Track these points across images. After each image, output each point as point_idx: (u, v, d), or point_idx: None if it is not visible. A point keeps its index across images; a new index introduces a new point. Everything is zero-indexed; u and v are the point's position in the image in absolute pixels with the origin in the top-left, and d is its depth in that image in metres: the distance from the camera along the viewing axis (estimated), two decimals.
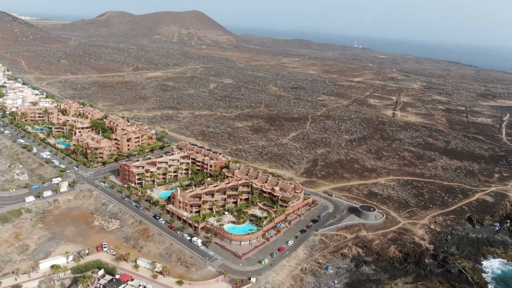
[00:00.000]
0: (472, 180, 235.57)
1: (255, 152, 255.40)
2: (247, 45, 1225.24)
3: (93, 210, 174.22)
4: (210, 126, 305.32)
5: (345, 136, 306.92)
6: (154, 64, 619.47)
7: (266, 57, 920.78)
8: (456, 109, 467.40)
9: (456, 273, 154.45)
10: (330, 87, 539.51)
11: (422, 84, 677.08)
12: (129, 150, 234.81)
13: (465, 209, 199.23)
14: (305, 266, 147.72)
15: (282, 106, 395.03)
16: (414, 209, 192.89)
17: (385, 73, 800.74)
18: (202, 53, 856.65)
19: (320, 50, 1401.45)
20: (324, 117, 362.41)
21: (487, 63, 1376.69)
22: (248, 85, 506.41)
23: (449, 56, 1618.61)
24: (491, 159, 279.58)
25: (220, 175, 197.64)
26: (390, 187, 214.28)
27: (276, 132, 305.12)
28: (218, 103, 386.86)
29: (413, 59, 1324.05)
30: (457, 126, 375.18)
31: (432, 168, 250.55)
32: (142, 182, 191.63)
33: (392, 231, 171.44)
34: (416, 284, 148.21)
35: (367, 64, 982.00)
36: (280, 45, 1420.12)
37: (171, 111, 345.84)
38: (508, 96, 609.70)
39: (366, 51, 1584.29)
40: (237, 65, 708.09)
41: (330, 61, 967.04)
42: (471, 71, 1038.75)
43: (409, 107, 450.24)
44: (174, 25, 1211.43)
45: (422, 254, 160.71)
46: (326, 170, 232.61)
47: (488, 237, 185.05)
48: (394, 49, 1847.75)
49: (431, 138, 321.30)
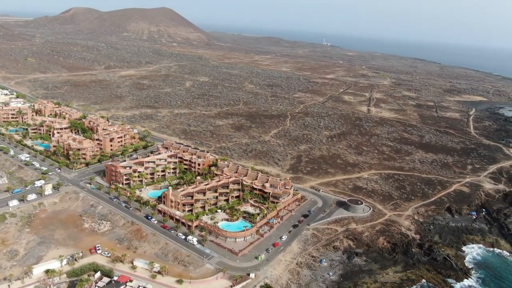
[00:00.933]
0: (448, 172, 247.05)
1: (239, 149, 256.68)
2: (219, 43, 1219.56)
3: (82, 212, 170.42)
4: (191, 125, 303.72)
5: (325, 132, 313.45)
6: (126, 62, 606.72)
7: (238, 54, 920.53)
8: (425, 104, 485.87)
9: (441, 261, 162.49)
10: (305, 84, 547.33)
11: (392, 80, 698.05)
12: (112, 150, 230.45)
13: (444, 199, 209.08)
14: (300, 260, 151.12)
15: (261, 104, 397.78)
16: (397, 201, 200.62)
17: (356, 70, 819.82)
18: (174, 50, 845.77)
19: (291, 47, 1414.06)
20: (303, 114, 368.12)
21: (450, 60, 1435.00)
22: (224, 83, 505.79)
23: (414, 53, 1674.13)
24: (463, 152, 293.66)
25: (209, 174, 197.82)
26: (373, 181, 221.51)
27: (257, 129, 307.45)
28: (197, 101, 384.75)
29: (381, 56, 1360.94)
30: (429, 121, 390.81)
31: (410, 162, 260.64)
32: (130, 183, 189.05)
33: (380, 223, 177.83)
34: (406, 272, 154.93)
35: (338, 61, 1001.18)
36: (251, 42, 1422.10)
37: (150, 110, 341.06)
38: (472, 92, 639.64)
39: (335, 48, 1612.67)
40: (210, 63, 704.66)
41: (302, 59, 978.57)
42: (436, 67, 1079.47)
43: (382, 103, 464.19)
44: (143, 22, 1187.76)
45: (409, 244, 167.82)
46: (311, 166, 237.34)
47: (467, 225, 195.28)
48: (361, 47, 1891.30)
49: (406, 133, 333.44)
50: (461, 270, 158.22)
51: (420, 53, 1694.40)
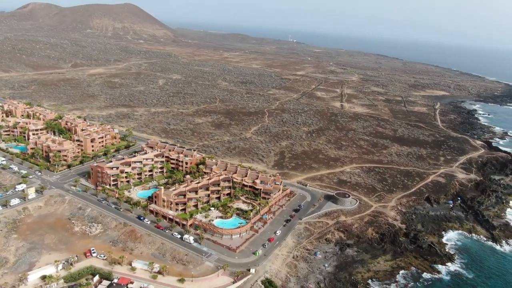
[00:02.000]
0: (423, 164, 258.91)
1: (222, 147, 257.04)
2: (186, 40, 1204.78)
3: (70, 216, 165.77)
4: (171, 123, 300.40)
5: (304, 128, 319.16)
6: (94, 60, 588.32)
7: (207, 51, 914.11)
8: (394, 99, 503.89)
9: (426, 248, 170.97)
10: (278, 81, 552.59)
11: (359, 76, 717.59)
12: (94, 151, 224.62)
13: (423, 190, 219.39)
14: (296, 254, 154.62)
15: (237, 101, 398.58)
16: (381, 193, 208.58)
17: (324, 67, 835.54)
18: (142, 48, 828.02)
19: (258, 44, 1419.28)
20: (280, 111, 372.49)
21: (408, 56, 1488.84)
22: (197, 80, 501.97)
23: (376, 50, 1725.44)
24: (435, 144, 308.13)
25: (198, 172, 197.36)
26: (356, 174, 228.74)
27: (237, 126, 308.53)
28: (173, 100, 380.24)
29: (346, 52, 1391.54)
30: (400, 115, 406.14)
31: (387, 155, 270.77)
32: (118, 183, 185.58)
33: (367, 214, 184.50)
34: (395, 260, 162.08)
35: (306, 58, 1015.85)
36: (218, 39, 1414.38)
37: (126, 109, 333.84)
38: (435, 86, 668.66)
39: (301, 45, 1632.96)
40: (181, 60, 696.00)
41: (271, 55, 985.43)
42: (399, 63, 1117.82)
43: (354, 99, 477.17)
44: (107, 19, 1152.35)
45: (396, 233, 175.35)
46: (295, 162, 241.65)
47: (445, 213, 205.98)
48: (326, 43, 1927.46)
49: (380, 127, 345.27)
50: (445, 256, 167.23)
51: (381, 50, 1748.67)
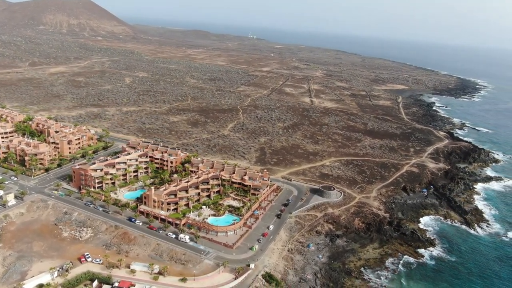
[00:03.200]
0: (396, 155, 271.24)
1: (202, 145, 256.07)
2: (146, 36, 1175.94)
3: (56, 221, 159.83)
4: (146, 122, 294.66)
5: (279, 124, 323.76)
6: (53, 58, 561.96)
7: (170, 48, 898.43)
8: (359, 94, 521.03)
9: (409, 234, 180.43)
10: (246, 78, 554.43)
11: (323, 72, 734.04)
12: (71, 153, 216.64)
13: (400, 180, 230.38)
14: (290, 247, 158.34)
15: (209, 98, 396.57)
16: (362, 184, 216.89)
17: (288, 63, 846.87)
18: (102, 45, 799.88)
19: (220, 40, 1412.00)
20: (253, 107, 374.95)
21: (368, 51, 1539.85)
22: (165, 78, 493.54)
23: (335, 45, 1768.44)
24: (403, 136, 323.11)
25: (184, 171, 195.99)
26: (336, 168, 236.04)
27: (214, 124, 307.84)
28: (143, 98, 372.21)
29: (306, 48, 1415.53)
30: (367, 109, 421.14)
31: (362, 148, 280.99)
32: (103, 186, 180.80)
33: (353, 205, 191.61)
34: (383, 248, 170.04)
35: (269, 54, 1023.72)
36: (179, 36, 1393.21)
37: (96, 109, 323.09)
38: (394, 81, 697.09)
39: (261, 41, 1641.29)
40: (144, 57, 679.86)
41: (234, 52, 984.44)
42: (358, 59, 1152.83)
43: (322, 94, 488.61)
44: (61, 14, 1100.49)
45: (381, 222, 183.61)
46: (276, 157, 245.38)
47: (421, 201, 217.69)
48: (286, 39, 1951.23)
49: (351, 121, 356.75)
50: (427, 241, 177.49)
51: (339, 45, 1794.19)
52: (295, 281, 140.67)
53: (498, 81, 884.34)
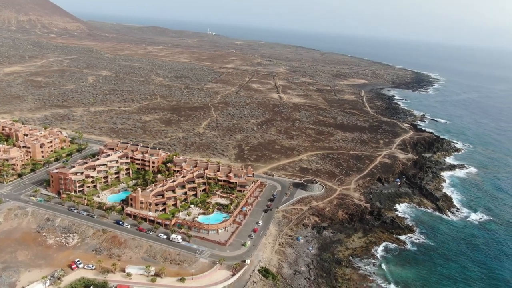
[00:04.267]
0: (368, 148, 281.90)
1: (179, 144, 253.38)
2: (102, 33, 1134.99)
3: (38, 229, 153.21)
4: (117, 123, 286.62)
5: (252, 121, 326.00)
6: (6, 57, 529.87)
7: (130, 46, 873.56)
8: (324, 89, 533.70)
9: (389, 223, 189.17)
10: (212, 75, 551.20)
11: (286, 68, 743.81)
12: (44, 157, 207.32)
13: (374, 171, 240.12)
14: (281, 241, 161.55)
15: (178, 96, 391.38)
16: (340, 177, 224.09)
17: (251, 59, 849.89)
18: (57, 43, 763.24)
19: (179, 37, 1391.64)
20: (224, 104, 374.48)
21: (327, 47, 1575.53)
22: (129, 76, 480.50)
23: (294, 41, 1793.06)
24: (371, 129, 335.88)
25: (167, 171, 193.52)
26: (314, 162, 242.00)
27: (187, 122, 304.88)
28: (110, 98, 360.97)
29: (266, 44, 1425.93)
30: (334, 103, 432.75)
31: (335, 141, 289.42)
32: (84, 189, 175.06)
33: (335, 197, 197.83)
34: (367, 237, 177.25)
35: (231, 50, 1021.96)
36: (136, 33, 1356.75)
37: (61, 110, 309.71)
38: (355, 75, 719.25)
39: (221, 37, 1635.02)
40: (104, 55, 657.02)
41: (195, 49, 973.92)
42: (317, 54, 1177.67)
43: (289, 90, 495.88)
44: (8, 11, 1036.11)
45: (363, 213, 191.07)
46: (255, 153, 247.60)
47: (395, 191, 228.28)
48: (244, 35, 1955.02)
49: (321, 116, 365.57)
50: (406, 228, 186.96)
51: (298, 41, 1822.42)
52: (290, 274, 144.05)
53: (449, 74, 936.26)
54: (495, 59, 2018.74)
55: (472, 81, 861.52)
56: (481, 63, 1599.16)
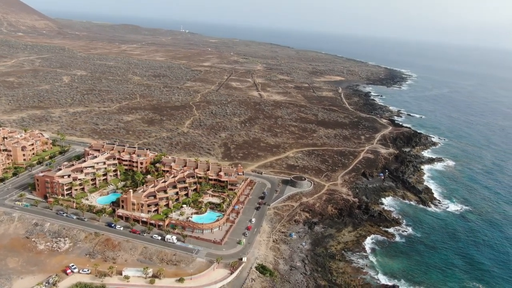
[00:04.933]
0: (350, 143, 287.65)
1: (164, 144, 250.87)
2: (73, 32, 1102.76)
3: (27, 234, 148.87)
4: (99, 123, 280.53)
5: (235, 119, 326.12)
6: None
7: (103, 44, 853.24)
8: (302, 86, 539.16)
9: (377, 216, 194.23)
10: (190, 73, 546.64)
11: (263, 65, 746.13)
12: (26, 160, 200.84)
13: (359, 166, 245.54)
14: (275, 238, 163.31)
15: (158, 95, 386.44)
16: (327, 173, 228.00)
17: (227, 57, 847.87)
18: (26, 41, 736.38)
19: (152, 35, 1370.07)
20: (205, 103, 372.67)
21: (300, 44, 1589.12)
22: (106, 76, 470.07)
23: (268, 39, 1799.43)
24: (352, 125, 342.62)
25: (156, 171, 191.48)
26: (300, 158, 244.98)
27: (170, 122, 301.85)
28: (89, 98, 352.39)
29: (241, 42, 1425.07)
30: (314, 100, 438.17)
31: (318, 138, 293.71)
32: (72, 192, 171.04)
33: (324, 193, 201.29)
34: (357, 231, 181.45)
35: (206, 48, 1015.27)
36: (108, 31, 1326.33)
37: (38, 111, 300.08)
38: (331, 72, 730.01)
39: (195, 35, 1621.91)
40: (77, 54, 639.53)
41: (170, 47, 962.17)
42: (292, 52, 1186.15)
43: (268, 87, 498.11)
44: None
45: (351, 207, 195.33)
46: (242, 152, 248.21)
47: (380, 185, 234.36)
48: (219, 33, 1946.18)
49: (302, 113, 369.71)
50: (393, 221, 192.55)
51: (271, 39, 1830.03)
52: (286, 270, 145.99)
53: (420, 71, 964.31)
54: (461, 55, 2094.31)
55: (442, 77, 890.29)
56: (450, 59, 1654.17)
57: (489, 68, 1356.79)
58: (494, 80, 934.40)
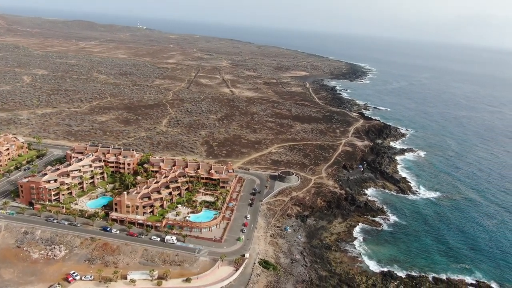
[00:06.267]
0: (328, 137, 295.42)
1: (145, 144, 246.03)
2: (24, 28, 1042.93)
3: (17, 244, 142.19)
4: (72, 125, 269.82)
5: (212, 116, 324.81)
6: None
7: (59, 41, 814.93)
8: (270, 82, 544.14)
9: (363, 206, 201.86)
10: (157, 71, 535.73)
11: (228, 62, 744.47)
12: (2, 166, 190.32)
13: (339, 159, 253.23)
14: (271, 233, 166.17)
15: (129, 94, 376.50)
16: (311, 167, 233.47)
17: (191, 54, 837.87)
18: None
19: (109, 32, 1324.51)
20: (179, 101, 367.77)
21: (260, 40, 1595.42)
22: (70, 75, 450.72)
23: (229, 35, 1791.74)
24: (326, 119, 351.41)
25: (145, 172, 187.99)
26: (283, 154, 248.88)
27: (147, 121, 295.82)
28: (55, 98, 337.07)
29: (202, 38, 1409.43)
30: (285, 96, 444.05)
31: (296, 133, 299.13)
32: (60, 198, 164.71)
33: (312, 187, 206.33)
34: (346, 221, 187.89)
35: (168, 45, 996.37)
36: (62, 27, 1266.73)
37: (4, 114, 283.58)
38: (295, 68, 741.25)
39: (154, 31, 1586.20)
40: (33, 52, 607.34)
41: (131, 44, 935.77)
42: (254, 47, 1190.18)
43: (237, 84, 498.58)
44: None
45: (339, 199, 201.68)
46: (225, 149, 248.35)
47: (360, 176, 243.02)
48: (177, 29, 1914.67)
49: (276, 109, 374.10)
50: (379, 210, 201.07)
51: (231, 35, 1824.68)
52: (287, 263, 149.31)
53: (379, 65, 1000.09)
54: (418, 50, 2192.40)
55: (400, 71, 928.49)
56: (407, 54, 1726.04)
57: (444, 62, 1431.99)
58: (447, 73, 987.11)
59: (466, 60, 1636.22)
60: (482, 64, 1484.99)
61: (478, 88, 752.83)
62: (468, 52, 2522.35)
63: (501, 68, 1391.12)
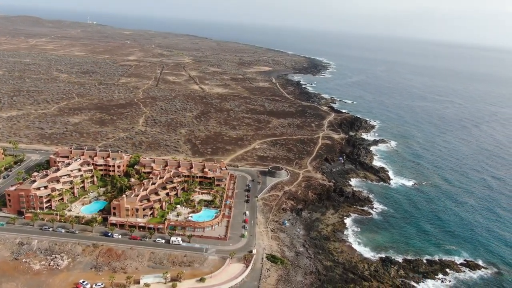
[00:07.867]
0: (305, 131, 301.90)
1: (127, 144, 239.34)
2: None
3: (15, 255, 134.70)
4: (44, 127, 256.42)
5: (188, 114, 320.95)
6: None
7: (6, 39, 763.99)
8: (237, 78, 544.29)
9: (351, 197, 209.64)
10: (120, 69, 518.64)
11: (190, 58, 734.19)
12: None
13: (321, 152, 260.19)
14: (271, 228, 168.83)
15: (97, 94, 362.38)
16: (296, 161, 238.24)
17: (150, 50, 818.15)
18: None
19: (58, 28, 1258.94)
20: (151, 99, 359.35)
21: (217, 35, 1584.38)
22: (28, 74, 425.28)
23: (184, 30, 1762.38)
24: (299, 114, 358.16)
25: (137, 174, 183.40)
26: (267, 149, 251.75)
27: (122, 121, 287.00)
28: (19, 100, 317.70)
29: (157, 34, 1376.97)
30: (255, 91, 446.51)
31: (275, 128, 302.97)
32: (52, 205, 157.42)
33: (302, 180, 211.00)
34: (338, 212, 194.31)
35: (125, 41, 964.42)
36: (4, 23, 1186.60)
37: None
38: (258, 63, 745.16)
39: (106, 27, 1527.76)
40: None
41: (86, 41, 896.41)
42: (213, 43, 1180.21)
43: (205, 80, 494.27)
44: None
45: (328, 191, 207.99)
46: (209, 147, 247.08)
47: (342, 168, 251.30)
48: (129, 25, 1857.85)
49: (250, 105, 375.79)
50: (366, 200, 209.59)
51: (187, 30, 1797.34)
52: (293, 256, 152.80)
53: (337, 59, 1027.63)
54: (369, 44, 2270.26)
55: (357, 65, 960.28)
56: (360, 47, 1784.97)
57: (395, 55, 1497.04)
58: (400, 66, 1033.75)
59: (416, 54, 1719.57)
60: (431, 57, 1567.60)
61: (428, 79, 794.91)
62: (416, 46, 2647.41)
63: (450, 61, 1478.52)
